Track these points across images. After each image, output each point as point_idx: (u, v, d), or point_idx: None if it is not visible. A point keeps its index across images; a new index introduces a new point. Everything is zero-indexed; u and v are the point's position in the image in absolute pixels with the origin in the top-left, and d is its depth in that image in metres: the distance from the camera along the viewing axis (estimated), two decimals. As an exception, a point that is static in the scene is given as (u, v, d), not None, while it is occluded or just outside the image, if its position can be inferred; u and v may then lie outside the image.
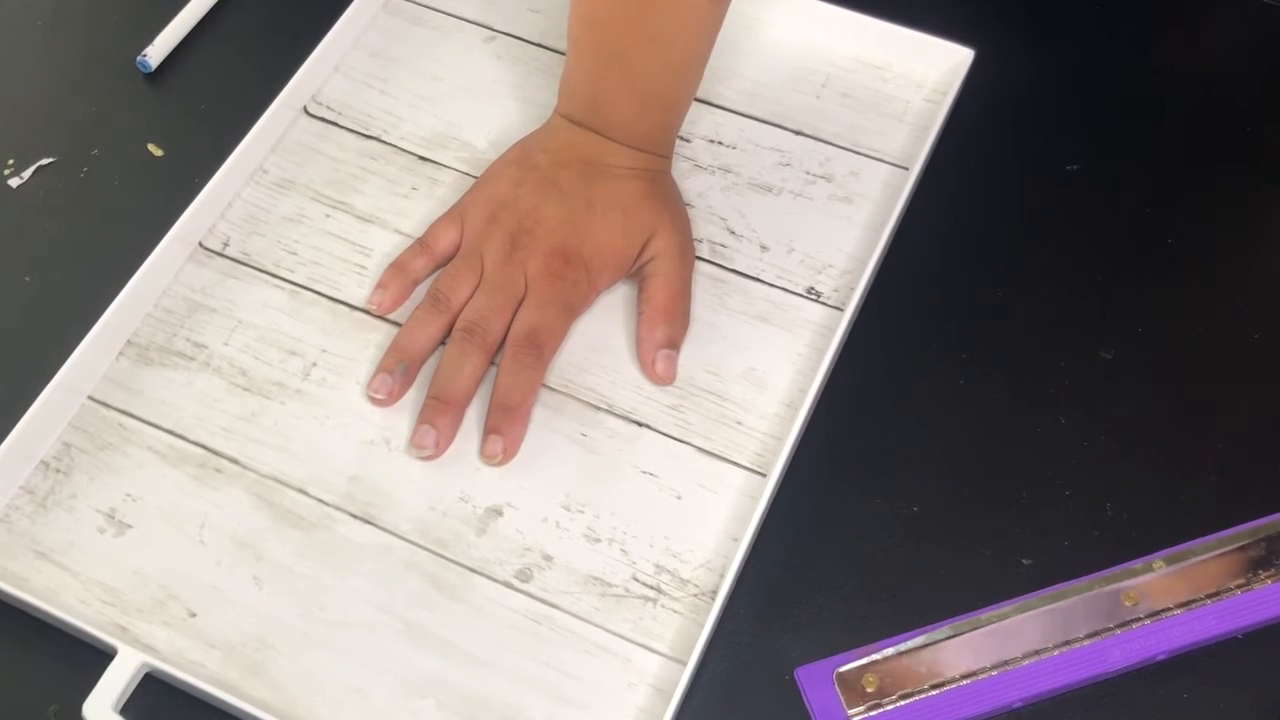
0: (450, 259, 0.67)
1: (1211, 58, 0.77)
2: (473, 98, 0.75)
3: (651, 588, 0.60)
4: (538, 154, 0.68)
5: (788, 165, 0.72)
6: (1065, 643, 0.58)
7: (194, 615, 0.59)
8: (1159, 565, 0.59)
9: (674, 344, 0.65)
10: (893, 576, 0.61)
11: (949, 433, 0.64)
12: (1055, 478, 0.63)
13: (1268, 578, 0.59)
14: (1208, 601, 0.59)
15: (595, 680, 0.58)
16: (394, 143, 0.73)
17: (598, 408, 0.65)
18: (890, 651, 0.58)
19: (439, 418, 0.63)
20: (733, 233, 0.70)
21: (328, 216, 0.71)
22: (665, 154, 0.69)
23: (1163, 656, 0.58)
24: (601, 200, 0.67)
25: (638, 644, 0.59)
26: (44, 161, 0.72)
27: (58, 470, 0.63)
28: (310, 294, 0.68)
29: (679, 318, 0.66)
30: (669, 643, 0.59)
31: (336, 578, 0.60)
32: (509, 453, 0.63)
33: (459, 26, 0.78)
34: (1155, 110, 0.75)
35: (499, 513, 0.62)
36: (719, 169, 0.72)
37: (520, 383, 0.63)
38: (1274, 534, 0.60)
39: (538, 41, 0.77)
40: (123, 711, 0.56)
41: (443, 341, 0.66)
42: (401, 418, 0.64)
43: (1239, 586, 0.59)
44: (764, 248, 0.70)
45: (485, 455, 0.63)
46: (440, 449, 0.63)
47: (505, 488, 0.63)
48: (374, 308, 0.67)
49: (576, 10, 0.66)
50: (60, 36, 0.78)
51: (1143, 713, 0.58)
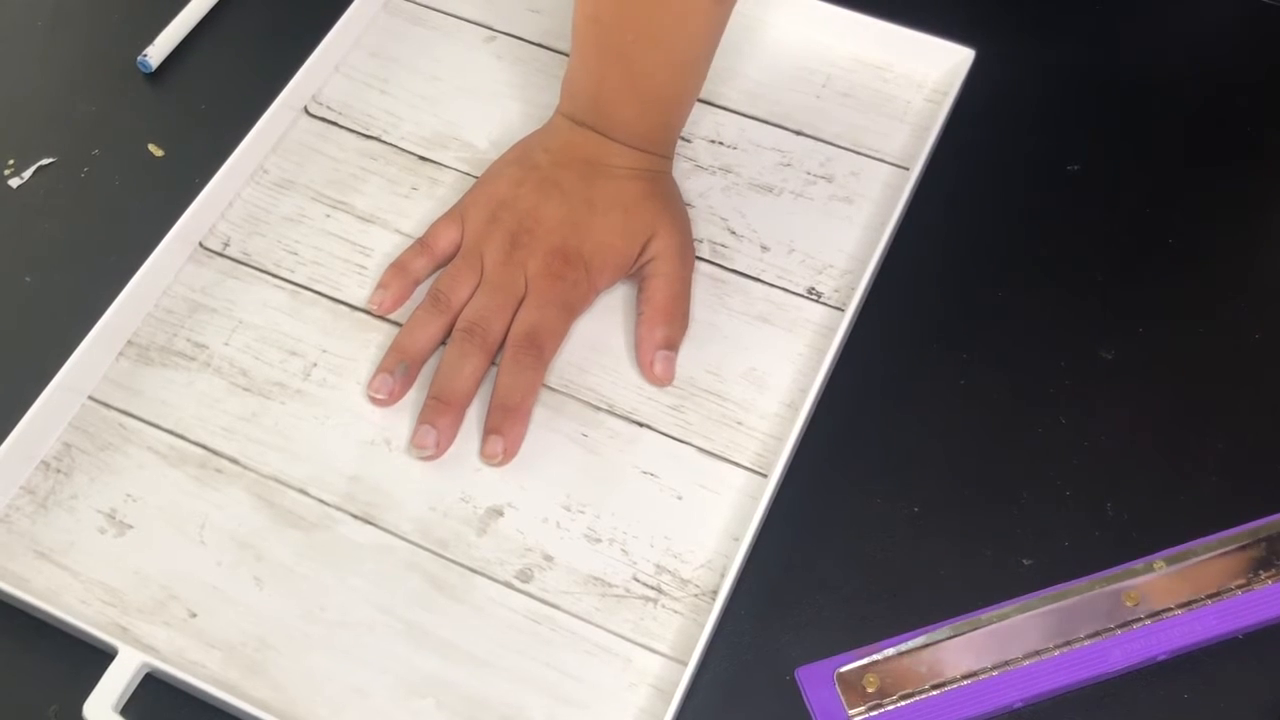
0: (451, 259, 0.67)
1: (1212, 58, 0.77)
2: (473, 98, 0.75)
3: (652, 588, 0.60)
4: (538, 154, 0.68)
5: (788, 165, 0.72)
6: (1066, 643, 0.58)
7: (194, 615, 0.59)
8: (1159, 565, 0.59)
9: (673, 345, 0.65)
10: (893, 576, 0.61)
11: (949, 433, 0.64)
12: (1055, 478, 0.63)
13: (1268, 578, 0.59)
14: (1208, 602, 0.59)
15: (596, 680, 0.58)
16: (394, 143, 0.73)
17: (598, 408, 0.65)
18: (891, 652, 0.58)
19: (439, 418, 0.63)
20: (733, 233, 0.70)
21: (328, 216, 0.71)
22: (667, 154, 0.69)
23: (1163, 657, 0.58)
24: (602, 200, 0.66)
25: (638, 644, 0.59)
26: (44, 161, 0.72)
27: (58, 470, 0.63)
28: (311, 294, 0.68)
29: (678, 318, 0.66)
30: (669, 643, 0.59)
31: (337, 578, 0.60)
32: (509, 453, 0.63)
33: (459, 26, 0.78)
34: (1155, 110, 0.75)
35: (499, 513, 0.62)
36: (720, 169, 0.72)
37: (520, 383, 0.63)
38: (1274, 534, 0.60)
39: (538, 41, 0.77)
40: (123, 712, 0.56)
41: (443, 341, 0.66)
42: (402, 418, 0.64)
43: (1239, 587, 0.59)
44: (764, 248, 0.70)
45: (485, 455, 0.63)
46: (441, 449, 0.63)
47: (506, 488, 0.63)
48: (374, 308, 0.67)
49: (580, 10, 0.66)
50: (60, 36, 0.78)
51: (1143, 713, 0.58)
